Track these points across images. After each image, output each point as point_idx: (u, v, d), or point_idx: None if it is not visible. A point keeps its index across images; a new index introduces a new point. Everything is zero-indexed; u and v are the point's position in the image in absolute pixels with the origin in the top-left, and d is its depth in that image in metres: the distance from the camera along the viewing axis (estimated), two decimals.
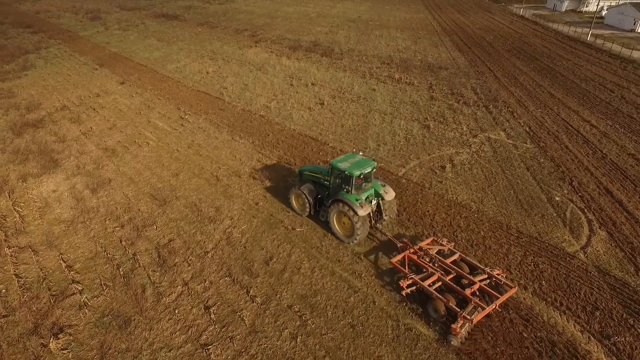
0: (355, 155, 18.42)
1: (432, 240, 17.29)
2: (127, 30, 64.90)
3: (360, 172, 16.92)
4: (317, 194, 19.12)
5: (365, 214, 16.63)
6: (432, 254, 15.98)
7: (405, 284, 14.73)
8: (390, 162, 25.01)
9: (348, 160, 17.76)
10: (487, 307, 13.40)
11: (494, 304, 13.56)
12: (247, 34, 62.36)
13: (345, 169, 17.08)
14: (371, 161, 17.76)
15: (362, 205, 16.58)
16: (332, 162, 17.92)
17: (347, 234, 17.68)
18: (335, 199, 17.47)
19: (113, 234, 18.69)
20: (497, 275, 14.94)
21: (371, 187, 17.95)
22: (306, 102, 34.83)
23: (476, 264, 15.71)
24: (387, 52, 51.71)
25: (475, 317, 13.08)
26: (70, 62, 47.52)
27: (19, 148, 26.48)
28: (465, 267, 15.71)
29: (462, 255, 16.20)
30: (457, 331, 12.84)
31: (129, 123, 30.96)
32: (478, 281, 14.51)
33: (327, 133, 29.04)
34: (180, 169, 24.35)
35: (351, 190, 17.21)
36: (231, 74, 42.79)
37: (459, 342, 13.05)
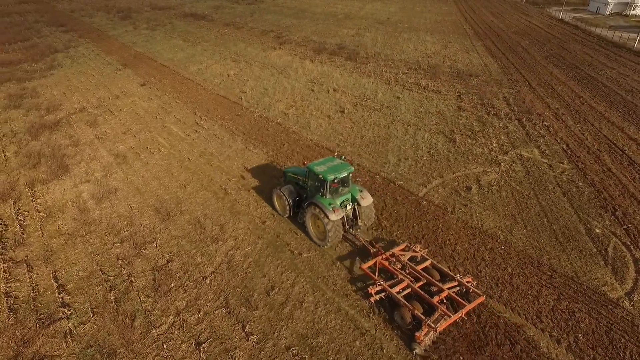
0: (334, 159, 18.44)
1: (405, 246, 16.98)
2: (155, 30, 65.24)
3: (334, 177, 16.92)
4: (296, 195, 19.21)
5: (336, 219, 16.63)
6: (403, 260, 15.83)
7: (373, 291, 14.67)
8: (410, 180, 23.20)
9: (326, 164, 17.76)
10: (452, 316, 13.30)
11: (460, 313, 13.48)
12: (273, 35, 61.40)
13: (320, 173, 17.04)
14: (348, 166, 17.62)
15: (335, 209, 16.62)
16: (309, 164, 17.97)
17: (321, 237, 17.67)
18: (310, 202, 17.55)
19: (111, 250, 17.80)
20: (466, 283, 14.75)
21: (348, 191, 17.84)
22: (326, 110, 33.33)
23: (447, 271, 15.50)
24: (414, 57, 49.52)
25: (440, 326, 13.01)
26: (96, 62, 47.81)
27: (32, 151, 26.23)
28: (436, 274, 15.55)
29: (433, 262, 16.01)
30: (421, 339, 12.71)
31: (144, 127, 30.35)
32: (447, 289, 14.40)
33: (345, 145, 27.45)
34: (189, 180, 23.36)
35: (326, 194, 17.13)
36: (252, 78, 41.80)
37: (422, 350, 12.94)
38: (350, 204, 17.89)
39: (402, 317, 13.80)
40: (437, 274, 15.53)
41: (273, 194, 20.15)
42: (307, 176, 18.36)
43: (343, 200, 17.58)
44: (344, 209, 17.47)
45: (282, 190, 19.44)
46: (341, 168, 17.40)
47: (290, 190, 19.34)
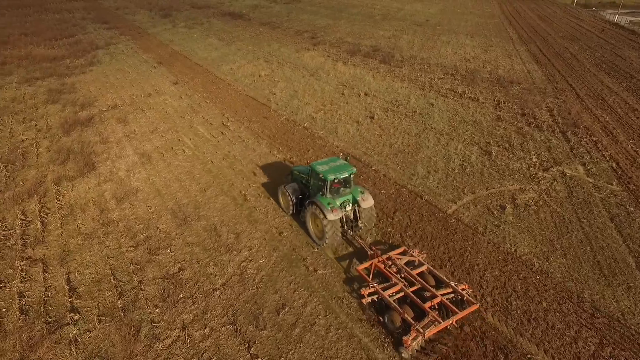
0: (338, 159, 18.40)
1: (403, 250, 16.82)
2: (192, 29, 66.21)
3: (335, 177, 16.94)
4: (300, 193, 19.30)
5: (334, 219, 16.63)
6: (399, 264, 15.70)
7: (366, 292, 14.71)
8: (439, 194, 21.76)
9: (329, 164, 17.82)
10: (442, 322, 13.19)
11: (451, 320, 13.32)
12: (307, 36, 60.79)
13: (321, 172, 17.12)
14: (351, 167, 17.56)
15: (334, 209, 16.66)
16: (312, 163, 18.13)
17: (319, 235, 17.71)
18: (311, 201, 17.74)
19: (125, 254, 17.57)
20: (461, 290, 14.52)
21: (349, 192, 17.79)
22: (355, 115, 32.23)
23: (442, 277, 15.26)
24: (452, 61, 47.43)
25: (429, 331, 12.94)
26: (133, 59, 48.85)
27: (63, 147, 26.73)
28: (431, 279, 15.36)
29: (429, 267, 15.81)
30: (408, 344, 12.68)
31: (172, 127, 30.39)
32: (440, 295, 14.28)
33: (372, 153, 26.28)
34: (210, 184, 22.98)
35: (326, 193, 17.20)
36: (283, 79, 41.27)
37: (409, 355, 12.86)
38: (350, 205, 17.82)
39: (392, 320, 13.76)
40: (432, 280, 15.37)
41: (278, 191, 20.41)
42: (309, 175, 18.45)
43: (343, 201, 17.56)
44: (343, 210, 17.54)
45: (287, 187, 19.57)
46: (343, 169, 17.35)
47: (294, 188, 19.46)
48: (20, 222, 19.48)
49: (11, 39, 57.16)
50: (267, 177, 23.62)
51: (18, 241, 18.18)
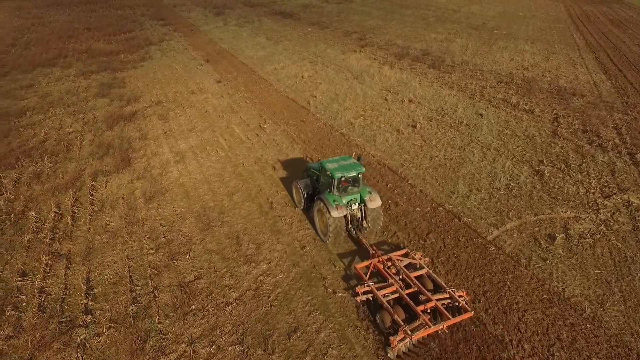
0: (349, 158, 18.64)
1: (405, 252, 16.74)
2: (242, 27, 67.01)
3: (342, 175, 17.16)
4: (311, 189, 19.54)
5: (337, 216, 16.78)
6: (399, 265, 15.67)
7: (361, 290, 14.79)
8: (480, 217, 19.86)
9: (339, 162, 18.11)
10: (432, 327, 13.14)
11: (442, 325, 13.27)
12: (355, 37, 59.45)
13: (329, 169, 17.37)
14: (360, 166, 17.70)
15: (338, 207, 16.87)
16: (322, 161, 18.58)
17: (324, 231, 17.90)
18: (318, 197, 18.05)
19: (146, 257, 17.40)
20: (458, 297, 14.32)
21: (357, 192, 17.86)
22: (396, 123, 30.64)
23: (441, 282, 15.07)
24: (508, 69, 44.24)
25: (417, 334, 12.91)
26: (182, 56, 50.00)
27: (104, 142, 27.46)
28: (429, 283, 15.21)
29: (429, 271, 15.64)
30: (394, 344, 12.67)
31: (209, 126, 30.41)
32: (435, 300, 14.17)
33: (410, 165, 24.68)
34: (238, 188, 22.51)
35: (333, 191, 17.43)
36: (325, 81, 40.35)
37: (394, 355, 12.87)
38: (357, 204, 17.86)
39: (383, 320, 13.81)
40: (430, 284, 15.23)
41: (292, 186, 20.74)
42: (320, 172, 18.65)
43: (350, 200, 17.66)
44: (349, 208, 17.66)
45: (300, 183, 19.96)
46: (351, 167, 17.53)
47: (306, 184, 19.75)
48: (54, 215, 19.98)
49: (75, 33, 60.66)
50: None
51: (48, 234, 18.59)
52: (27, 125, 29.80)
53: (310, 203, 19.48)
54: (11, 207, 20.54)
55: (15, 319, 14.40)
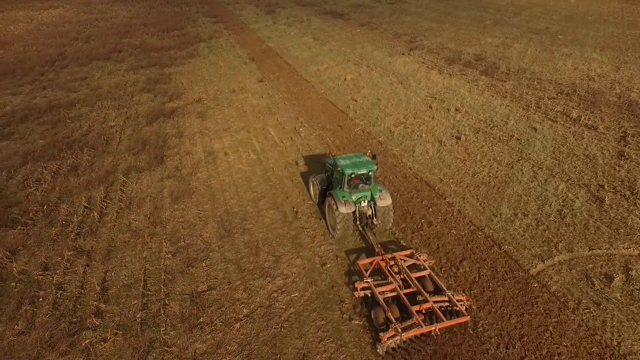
0: (363, 155, 18.72)
1: (410, 252, 16.61)
2: (291, 26, 66.86)
3: (352, 172, 17.35)
4: (325, 184, 19.75)
5: (345, 212, 16.94)
6: (401, 265, 15.62)
7: (359, 286, 14.92)
8: (523, 246, 17.78)
9: (352, 159, 18.24)
10: (424, 327, 13.14)
11: (434, 326, 13.19)
12: (405, 39, 57.32)
13: (340, 166, 17.61)
14: (372, 164, 17.80)
15: (347, 203, 17.03)
16: (336, 157, 18.89)
17: (333, 226, 17.98)
18: (329, 192, 18.27)
19: (163, 261, 17.09)
20: (457, 301, 14.13)
21: (368, 189, 17.99)
22: (439, 133, 28.69)
23: (441, 284, 14.92)
24: (570, 78, 40.47)
25: (407, 333, 12.95)
26: (229, 54, 50.49)
27: (141, 137, 27.88)
28: (430, 284, 15.13)
29: (431, 273, 15.58)
30: (384, 340, 12.76)
31: (245, 127, 30.09)
32: (432, 301, 14.12)
33: (449, 181, 22.82)
34: (265, 194, 21.82)
35: (343, 187, 17.66)
36: (368, 85, 38.92)
37: (383, 351, 12.96)
38: (367, 201, 17.92)
39: (376, 316, 13.92)
40: (431, 285, 15.12)
41: (309, 181, 20.99)
42: (333, 167, 18.81)
43: (360, 197, 17.74)
44: (357, 205, 17.73)
45: (316, 178, 20.24)
46: (363, 165, 17.64)
47: (322, 179, 19.99)
48: (83, 209, 20.28)
49: (132, 28, 63.28)
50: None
51: (74, 229, 18.84)
52: (74, 117, 30.98)
53: (323, 198, 19.64)
54: (46, 198, 21.15)
55: (30, 314, 14.50)
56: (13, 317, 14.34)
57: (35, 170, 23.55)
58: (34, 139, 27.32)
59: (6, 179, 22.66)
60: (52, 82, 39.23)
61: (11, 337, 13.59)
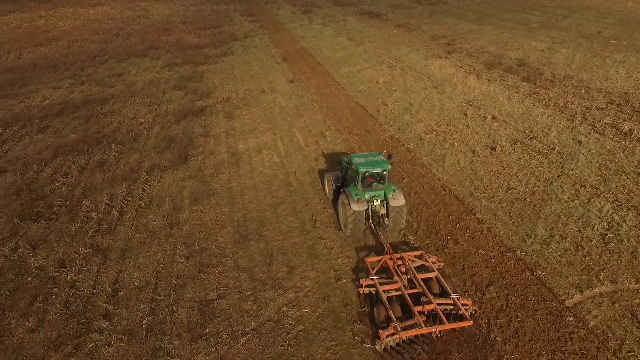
0: (378, 154, 18.65)
1: (420, 253, 16.42)
2: (326, 26, 66.20)
3: (366, 170, 17.31)
4: (340, 182, 19.71)
5: (357, 210, 16.85)
6: (409, 265, 15.51)
7: (365, 283, 14.95)
8: (560, 273, 16.21)
9: (367, 158, 18.21)
10: (424, 328, 13.02)
11: (435, 328, 13.04)
12: (443, 42, 55.30)
13: (355, 164, 17.64)
14: (386, 164, 17.70)
15: (359, 201, 16.90)
16: (351, 155, 18.93)
17: (345, 223, 17.93)
18: (343, 190, 18.21)
19: (176, 265, 16.81)
20: (461, 305, 13.85)
21: (382, 188, 17.85)
22: (473, 142, 27.12)
23: (447, 288, 14.61)
24: (623, 87, 37.46)
25: (406, 332, 12.87)
26: (262, 53, 50.44)
27: (168, 135, 28.01)
28: (436, 287, 14.99)
29: (439, 275, 15.29)
30: (382, 338, 12.73)
31: (271, 128, 29.67)
32: (436, 303, 13.88)
33: (481, 196, 21.37)
34: (285, 199, 21.23)
35: (357, 184, 17.63)
36: (401, 89, 37.62)
37: (381, 348, 12.92)
38: (379, 200, 17.81)
39: (378, 314, 13.92)
40: (437, 288, 14.98)
41: (324, 178, 21.12)
42: (348, 165, 18.79)
43: (373, 195, 17.62)
44: (370, 204, 17.67)
45: (331, 175, 20.37)
46: (377, 164, 17.58)
47: (336, 177, 20.04)
48: (104, 206, 20.41)
49: (171, 26, 64.65)
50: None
51: (94, 226, 18.94)
52: (106, 113, 31.64)
53: (337, 195, 19.51)
54: (71, 193, 21.48)
55: (42, 311, 14.54)
56: (25, 314, 14.41)
57: (64, 164, 24.06)
58: (67, 133, 28.04)
59: (36, 172, 23.25)
60: (90, 77, 40.45)
61: (20, 335, 13.63)
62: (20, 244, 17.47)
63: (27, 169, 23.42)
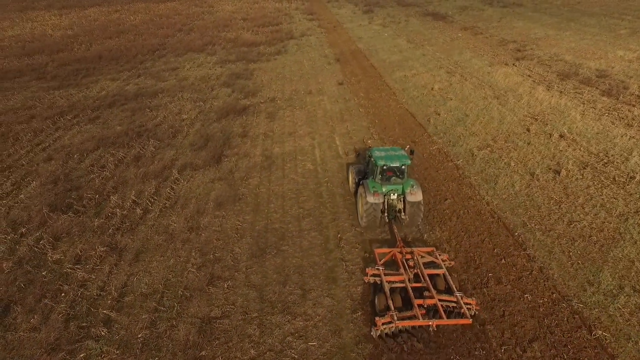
0: (399, 149, 18.76)
1: (431, 250, 16.49)
2: (386, 27, 63.77)
3: (384, 163, 17.51)
4: (362, 174, 19.78)
5: (372, 202, 17.02)
6: (417, 259, 15.50)
7: (370, 272, 15.13)
8: (626, 336, 13.25)
9: (388, 152, 18.41)
10: (421, 320, 13.09)
11: (431, 322, 13.08)
12: (512, 47, 50.80)
13: (374, 157, 17.93)
14: (406, 158, 17.79)
15: (375, 194, 17.10)
16: (373, 148, 19.22)
17: (361, 215, 18.06)
18: (362, 182, 18.50)
19: (187, 274, 16.02)
20: (464, 303, 13.64)
21: (401, 183, 17.93)
22: (533, 164, 23.94)
23: (452, 285, 14.45)
24: None
25: (402, 322, 13.03)
26: (315, 53, 49.37)
27: (207, 133, 27.69)
28: (442, 284, 14.86)
29: (446, 273, 15.08)
30: (379, 325, 12.90)
31: (311, 132, 28.39)
32: (438, 299, 13.81)
33: (535, 228, 18.50)
34: (312, 212, 19.81)
35: (375, 177, 17.85)
36: (457, 97, 34.67)
37: (376, 335, 13.07)
38: (397, 194, 17.87)
39: (378, 302, 14.11)
40: (443, 285, 14.95)
41: (348, 170, 21.40)
42: (369, 158, 18.98)
43: (391, 189, 17.75)
44: (386, 197, 17.76)
45: (354, 167, 20.57)
46: (396, 158, 17.75)
47: (359, 169, 20.21)
48: (130, 203, 20.24)
49: (232, 22, 65.70)
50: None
51: (116, 223, 18.75)
52: (153, 107, 32.13)
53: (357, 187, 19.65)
54: (103, 186, 21.62)
55: (48, 309, 14.34)
56: (32, 310, 14.30)
57: (103, 156, 24.47)
58: (114, 125, 28.72)
59: (77, 162, 23.83)
60: (147, 70, 41.71)
61: (22, 332, 13.46)
62: (44, 235, 17.63)
63: (68, 158, 24.08)
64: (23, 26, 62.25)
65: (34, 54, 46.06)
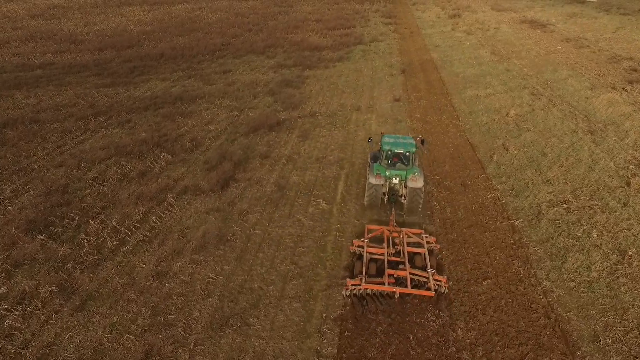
0: (409, 138, 19.41)
1: (420, 232, 17.06)
2: (471, 35, 56.38)
3: (389, 148, 18.35)
4: (375, 159, 19.75)
5: (374, 183, 17.95)
6: (402, 238, 16.26)
7: (356, 243, 16.26)
8: None
9: (397, 139, 19.12)
10: (385, 286, 14.18)
11: (395, 288, 14.13)
12: (626, 66, 41.12)
13: (382, 142, 18.81)
14: (412, 146, 18.42)
15: (377, 176, 17.96)
16: (385, 134, 19.97)
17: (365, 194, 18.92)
18: (370, 163, 19.59)
19: (124, 340, 13.10)
20: (434, 279, 14.46)
21: (405, 169, 18.28)
22: (626, 238, 17.31)
23: (428, 264, 15.20)
24: None
25: (368, 285, 14.17)
26: (380, 62, 44.66)
27: (227, 150, 24.91)
28: (421, 262, 15.53)
29: (426, 252, 15.72)
30: (348, 285, 14.30)
31: (343, 159, 24.29)
32: (410, 272, 14.73)
33: (611, 345, 12.54)
34: (304, 272, 15.86)
35: (381, 161, 18.63)
36: (537, 128, 27.95)
37: (345, 295, 14.36)
38: (399, 180, 18.27)
39: (355, 268, 15.29)
40: (421, 263, 15.46)
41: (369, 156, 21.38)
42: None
43: (394, 174, 18.18)
44: (388, 181, 18.36)
45: (372, 152, 20.62)
46: (402, 145, 18.44)
47: (374, 155, 20.20)
48: (109, 231, 17.99)
49: (303, 24, 63.18)
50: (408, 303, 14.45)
51: (82, 255, 16.53)
52: (186, 113, 30.34)
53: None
54: (92, 205, 19.72)
55: None
56: None
57: (111, 167, 22.86)
58: (140, 131, 27.30)
59: (83, 172, 22.46)
60: (200, 72, 40.60)
61: None
62: (5, 261, 16.00)
63: (77, 167, 22.85)
64: (113, 21, 66.05)
65: (105, 49, 47.73)
